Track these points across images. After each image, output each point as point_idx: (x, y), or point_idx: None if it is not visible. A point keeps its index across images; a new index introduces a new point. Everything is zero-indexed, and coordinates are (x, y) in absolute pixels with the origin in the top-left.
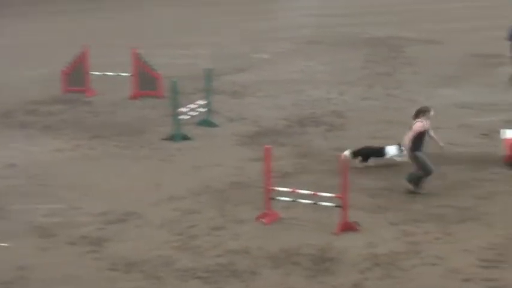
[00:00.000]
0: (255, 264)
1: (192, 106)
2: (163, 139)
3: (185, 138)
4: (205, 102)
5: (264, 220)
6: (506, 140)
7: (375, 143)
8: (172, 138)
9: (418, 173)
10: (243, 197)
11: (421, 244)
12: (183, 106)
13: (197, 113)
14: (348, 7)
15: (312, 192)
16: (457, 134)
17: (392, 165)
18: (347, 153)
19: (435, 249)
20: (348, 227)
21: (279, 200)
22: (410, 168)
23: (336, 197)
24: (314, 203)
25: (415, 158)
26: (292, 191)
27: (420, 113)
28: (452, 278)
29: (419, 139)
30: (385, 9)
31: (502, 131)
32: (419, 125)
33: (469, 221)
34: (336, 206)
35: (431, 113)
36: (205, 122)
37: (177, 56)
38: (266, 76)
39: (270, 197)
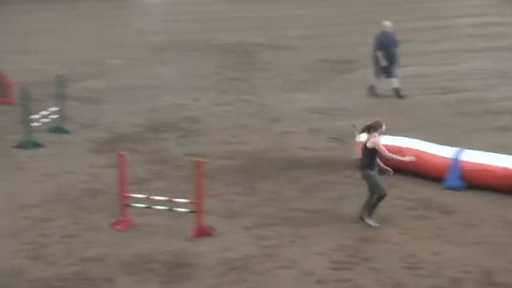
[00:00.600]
0: (109, 271)
1: (44, 113)
2: (14, 146)
3: (37, 145)
4: (57, 108)
5: (118, 227)
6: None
7: (231, 149)
8: (23, 145)
9: (372, 201)
10: (97, 204)
11: (275, 248)
12: (34, 113)
13: (49, 120)
14: (199, 13)
15: (167, 198)
16: (308, 138)
17: (248, 171)
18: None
19: (289, 252)
20: (203, 232)
21: (134, 206)
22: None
23: (190, 202)
24: (169, 209)
25: (368, 177)
26: (147, 198)
27: (371, 128)
28: (306, 280)
29: (373, 156)
30: (235, 15)
31: (356, 133)
32: (374, 140)
33: (321, 224)
34: (191, 212)
35: (383, 128)
36: (57, 129)
37: (28, 62)
38: (120, 82)
39: (124, 203)
